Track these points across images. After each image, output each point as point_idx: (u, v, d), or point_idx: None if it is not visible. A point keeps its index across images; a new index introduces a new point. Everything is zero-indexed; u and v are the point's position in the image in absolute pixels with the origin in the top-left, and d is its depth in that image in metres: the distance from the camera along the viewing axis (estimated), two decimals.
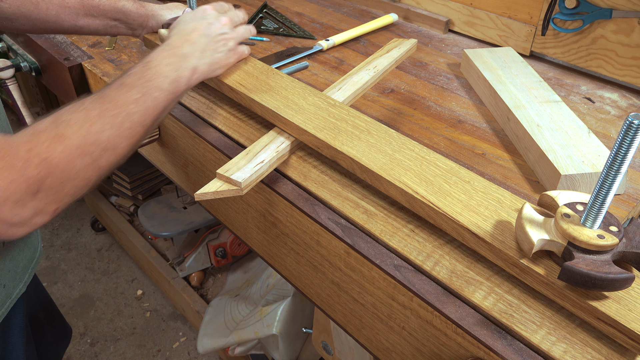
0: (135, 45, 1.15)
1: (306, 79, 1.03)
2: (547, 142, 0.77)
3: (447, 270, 0.57)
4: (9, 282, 0.77)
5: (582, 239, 0.47)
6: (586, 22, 1.03)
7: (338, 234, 0.63)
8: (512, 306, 0.53)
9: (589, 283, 0.45)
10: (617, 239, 0.47)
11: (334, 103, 0.75)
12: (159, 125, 0.93)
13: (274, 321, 1.35)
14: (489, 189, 0.60)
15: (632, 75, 1.02)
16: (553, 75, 1.09)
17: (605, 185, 0.46)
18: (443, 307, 0.54)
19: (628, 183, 0.76)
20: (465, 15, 1.25)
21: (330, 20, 1.33)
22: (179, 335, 1.85)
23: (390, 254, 0.61)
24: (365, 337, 0.69)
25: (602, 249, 0.47)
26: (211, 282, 1.94)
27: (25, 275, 0.81)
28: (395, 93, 0.99)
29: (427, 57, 1.15)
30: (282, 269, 0.80)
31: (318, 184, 0.70)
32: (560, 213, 0.50)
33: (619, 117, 0.94)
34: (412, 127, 0.89)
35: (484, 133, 0.88)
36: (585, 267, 0.45)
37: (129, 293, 2.01)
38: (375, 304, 0.63)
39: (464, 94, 1.00)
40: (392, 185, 0.61)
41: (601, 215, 0.48)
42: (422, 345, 0.60)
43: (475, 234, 0.54)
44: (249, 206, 0.78)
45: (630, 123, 0.42)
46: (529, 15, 1.13)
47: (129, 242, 2.05)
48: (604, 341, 0.49)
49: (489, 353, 0.51)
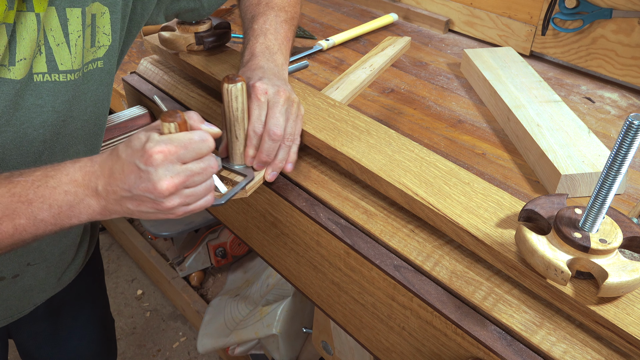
0: (135, 45, 1.15)
1: (306, 79, 1.03)
2: (547, 142, 0.77)
3: (447, 270, 0.57)
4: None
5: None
6: (586, 22, 1.03)
7: (338, 234, 0.63)
8: (512, 306, 0.53)
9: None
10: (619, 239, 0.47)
11: (333, 103, 0.75)
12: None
13: (274, 321, 1.35)
14: (489, 190, 0.60)
15: (632, 75, 1.02)
16: (553, 75, 1.09)
17: (605, 186, 0.46)
18: (443, 307, 0.54)
19: (628, 183, 0.76)
20: (465, 15, 1.24)
21: (330, 20, 1.33)
22: (179, 335, 1.85)
23: (390, 254, 0.61)
24: (365, 337, 0.69)
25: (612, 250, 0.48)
26: (211, 282, 1.94)
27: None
28: (395, 93, 0.99)
29: (427, 57, 1.15)
30: (282, 269, 0.79)
31: (318, 184, 0.69)
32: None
33: (619, 117, 0.94)
34: (412, 127, 0.89)
35: (484, 133, 0.88)
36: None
37: (129, 293, 2.01)
38: (375, 304, 0.63)
39: (464, 94, 1.00)
40: (391, 186, 0.61)
41: (601, 216, 0.48)
42: (422, 345, 0.60)
43: (475, 237, 0.54)
44: (249, 206, 0.78)
45: (631, 123, 0.42)
46: (529, 15, 1.13)
47: (129, 242, 2.05)
48: (604, 341, 0.49)
49: (489, 353, 0.51)
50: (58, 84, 0.59)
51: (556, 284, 0.49)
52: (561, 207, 0.52)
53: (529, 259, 0.49)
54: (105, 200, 0.53)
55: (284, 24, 0.77)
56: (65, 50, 0.58)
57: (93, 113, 0.67)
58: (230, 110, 0.62)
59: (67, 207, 0.53)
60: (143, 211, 0.53)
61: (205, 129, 0.55)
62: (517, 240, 0.51)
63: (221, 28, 0.89)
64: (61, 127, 0.63)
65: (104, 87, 0.67)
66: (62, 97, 0.60)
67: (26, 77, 0.56)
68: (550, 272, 0.47)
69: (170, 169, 0.51)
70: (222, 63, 0.85)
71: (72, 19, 0.58)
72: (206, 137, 0.53)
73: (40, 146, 0.62)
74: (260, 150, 0.65)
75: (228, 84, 0.60)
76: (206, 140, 0.53)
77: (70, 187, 0.52)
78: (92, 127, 0.69)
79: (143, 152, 0.50)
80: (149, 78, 0.96)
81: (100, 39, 0.63)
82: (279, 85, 0.65)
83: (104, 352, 1.07)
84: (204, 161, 0.53)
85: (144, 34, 1.18)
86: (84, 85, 0.63)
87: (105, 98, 0.69)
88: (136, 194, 0.51)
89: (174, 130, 0.52)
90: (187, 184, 0.52)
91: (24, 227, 0.52)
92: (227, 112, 0.63)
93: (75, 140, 0.67)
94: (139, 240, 2.01)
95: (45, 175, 0.52)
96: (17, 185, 0.51)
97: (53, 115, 0.60)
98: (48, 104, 0.59)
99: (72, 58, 0.59)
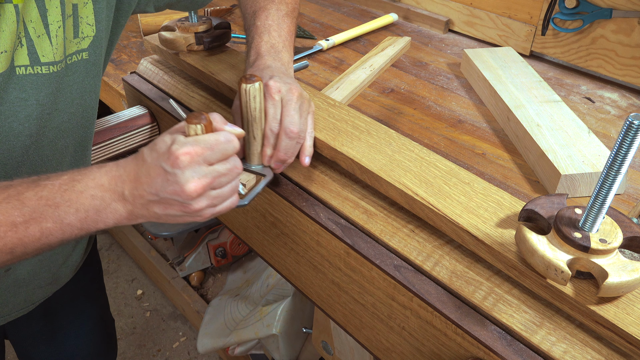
0: (135, 45, 1.15)
1: (306, 79, 1.03)
2: (547, 142, 0.77)
3: (447, 270, 0.57)
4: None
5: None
6: (586, 22, 1.03)
7: (338, 234, 0.63)
8: (512, 306, 0.53)
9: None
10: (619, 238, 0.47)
11: (333, 103, 0.75)
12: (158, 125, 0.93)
13: (274, 321, 1.35)
14: (489, 190, 0.60)
15: (632, 75, 1.02)
16: (553, 75, 1.09)
17: (605, 185, 0.46)
18: (443, 307, 0.54)
19: (628, 183, 0.76)
20: (465, 15, 1.24)
21: (330, 20, 1.33)
22: (179, 335, 1.85)
23: (390, 254, 0.61)
24: (365, 337, 0.69)
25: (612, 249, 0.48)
26: (211, 282, 1.94)
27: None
28: (396, 93, 0.99)
29: (427, 57, 1.15)
30: (282, 269, 0.80)
31: (318, 184, 0.69)
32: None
33: (619, 117, 0.94)
34: (412, 127, 0.89)
35: (484, 133, 0.88)
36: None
37: (129, 293, 2.01)
38: (375, 304, 0.63)
39: (464, 94, 1.00)
40: (391, 186, 0.61)
41: (601, 216, 0.48)
42: (422, 345, 0.60)
43: (475, 236, 0.54)
44: (249, 206, 0.78)
45: (631, 123, 0.42)
46: (529, 15, 1.13)
47: (129, 242, 2.05)
48: (604, 341, 0.49)
49: (489, 353, 0.51)
50: (41, 76, 0.58)
51: (556, 284, 0.49)
52: (561, 207, 0.52)
53: (529, 259, 0.49)
54: (132, 204, 0.53)
55: (286, 18, 0.76)
56: (46, 42, 0.57)
57: (80, 105, 0.67)
58: (248, 110, 0.62)
59: (94, 211, 0.52)
60: (170, 214, 0.53)
61: (229, 130, 0.55)
62: (517, 240, 0.52)
63: (221, 28, 0.89)
64: (47, 121, 0.62)
65: (91, 79, 0.66)
66: (46, 90, 0.60)
67: (8, 70, 0.56)
68: (550, 272, 0.48)
69: (198, 171, 0.50)
70: (222, 63, 0.85)
71: (51, 10, 0.57)
72: (231, 137, 0.53)
73: (26, 140, 0.61)
74: (277, 149, 0.64)
75: (246, 84, 0.60)
76: (232, 141, 0.53)
77: (97, 192, 0.52)
78: (79, 120, 0.68)
79: (169, 155, 0.50)
80: (149, 78, 0.96)
81: (84, 30, 0.62)
82: (290, 83, 0.65)
83: (103, 352, 1.07)
84: (230, 162, 0.53)
85: (144, 34, 1.19)
86: (68, 77, 0.62)
87: (92, 90, 0.68)
88: (163, 197, 0.51)
89: (200, 132, 0.52)
90: (214, 185, 0.52)
91: (51, 230, 0.52)
92: (244, 112, 0.62)
93: (63, 133, 0.66)
94: (139, 240, 2.01)
95: (72, 179, 0.52)
96: (45, 188, 0.51)
97: (38, 109, 0.60)
98: (32, 97, 0.59)
99: (54, 49, 0.58)
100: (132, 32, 1.28)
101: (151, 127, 0.93)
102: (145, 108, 0.93)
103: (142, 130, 0.92)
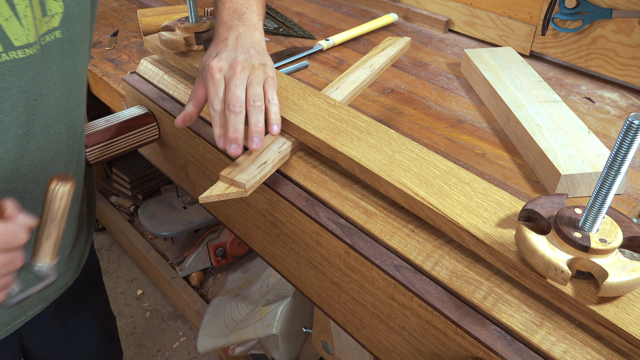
0: (135, 45, 1.15)
1: (306, 79, 1.03)
2: (547, 142, 0.77)
3: (447, 270, 0.57)
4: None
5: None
6: (586, 22, 1.03)
7: (338, 234, 0.63)
8: (512, 306, 0.53)
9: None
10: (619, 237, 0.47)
11: (333, 103, 0.75)
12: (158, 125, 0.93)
13: (274, 321, 1.35)
14: (489, 190, 0.60)
15: (632, 75, 1.02)
16: (553, 75, 1.09)
17: (605, 185, 0.46)
18: (443, 307, 0.54)
19: (628, 183, 0.76)
20: (465, 15, 1.24)
21: (330, 20, 1.33)
22: (179, 335, 1.85)
23: (390, 254, 0.61)
24: (365, 337, 0.69)
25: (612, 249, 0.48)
26: (211, 282, 1.94)
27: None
28: (395, 93, 0.99)
29: (427, 57, 1.15)
30: (282, 269, 0.80)
31: (318, 184, 0.69)
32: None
33: (619, 117, 0.94)
34: (412, 127, 0.89)
35: (484, 133, 0.88)
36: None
37: (129, 293, 2.01)
38: (375, 304, 0.63)
39: (464, 94, 1.00)
40: (391, 186, 0.61)
41: (601, 215, 0.48)
42: (422, 345, 0.60)
43: (475, 236, 0.54)
44: (249, 206, 0.78)
45: (631, 123, 0.42)
46: (529, 15, 1.13)
47: (129, 242, 2.05)
48: (604, 341, 0.49)
49: (489, 353, 0.51)
50: (18, 61, 0.57)
51: (556, 284, 0.49)
52: (561, 207, 0.52)
53: (529, 259, 0.49)
54: None
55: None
56: (16, 24, 0.56)
57: (64, 88, 0.65)
58: (50, 209, 0.57)
59: None
60: None
61: (21, 221, 0.52)
62: (517, 240, 0.52)
63: None
64: (34, 108, 0.61)
65: (69, 59, 0.64)
66: (26, 75, 0.58)
67: None
68: (550, 272, 0.48)
69: None
70: None
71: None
72: (20, 231, 0.51)
73: (17, 131, 0.60)
74: (226, 128, 0.63)
75: (56, 185, 0.56)
76: (19, 235, 0.50)
77: None
78: (66, 103, 0.67)
79: None
80: (149, 78, 0.96)
81: (51, 7, 0.60)
82: (234, 57, 0.64)
83: (109, 351, 1.08)
84: (10, 255, 0.50)
85: (144, 34, 1.19)
86: (46, 59, 0.61)
87: (73, 70, 0.66)
88: None
89: None
90: None
91: None
92: (45, 210, 0.57)
93: (53, 119, 0.65)
94: (139, 240, 2.01)
95: None
96: None
97: (22, 96, 0.59)
98: (14, 85, 0.57)
99: (26, 31, 0.57)
100: (132, 32, 1.28)
101: (151, 127, 0.93)
102: (145, 108, 0.93)
103: (142, 130, 0.92)
